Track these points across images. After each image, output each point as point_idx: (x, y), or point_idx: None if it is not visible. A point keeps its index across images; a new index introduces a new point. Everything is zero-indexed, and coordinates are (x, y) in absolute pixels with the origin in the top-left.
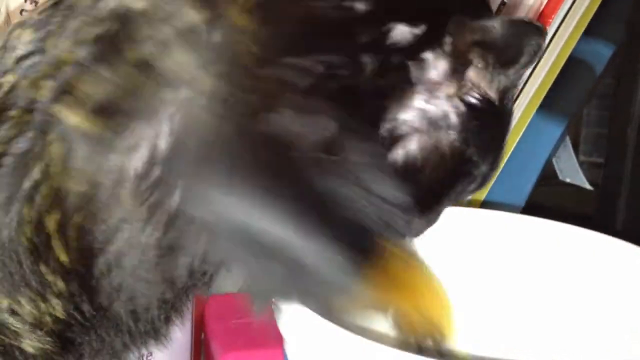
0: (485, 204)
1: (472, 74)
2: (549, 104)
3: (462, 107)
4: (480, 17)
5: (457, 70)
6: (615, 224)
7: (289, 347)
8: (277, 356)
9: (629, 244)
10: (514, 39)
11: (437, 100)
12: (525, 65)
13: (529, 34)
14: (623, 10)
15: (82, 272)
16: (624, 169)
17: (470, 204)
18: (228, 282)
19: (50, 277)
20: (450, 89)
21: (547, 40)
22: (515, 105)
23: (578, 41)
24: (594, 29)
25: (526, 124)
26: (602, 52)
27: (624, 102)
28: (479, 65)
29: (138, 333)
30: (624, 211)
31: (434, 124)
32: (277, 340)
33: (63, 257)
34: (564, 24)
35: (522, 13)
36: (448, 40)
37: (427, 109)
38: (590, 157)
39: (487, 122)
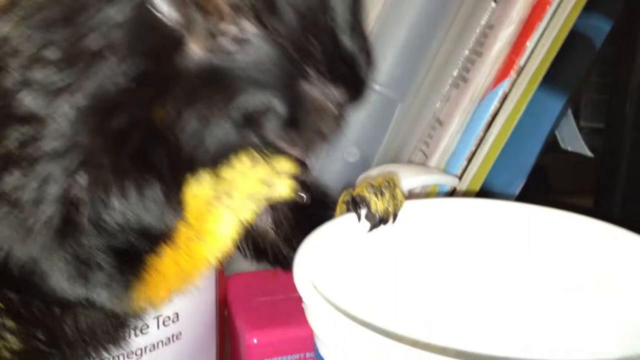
0: (488, 180)
1: None
2: (551, 79)
3: None
4: None
5: None
6: (616, 193)
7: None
8: (301, 333)
9: (625, 231)
10: None
11: None
12: None
13: None
14: None
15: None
16: (624, 140)
17: (472, 184)
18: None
19: None
20: None
21: (549, 17)
22: (518, 81)
23: (578, 16)
24: (593, 4)
25: (528, 99)
26: (601, 27)
27: (623, 76)
28: None
29: (93, 345)
30: (624, 179)
31: None
32: (300, 317)
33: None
34: (564, 0)
35: None
36: None
37: None
38: (591, 123)
39: None
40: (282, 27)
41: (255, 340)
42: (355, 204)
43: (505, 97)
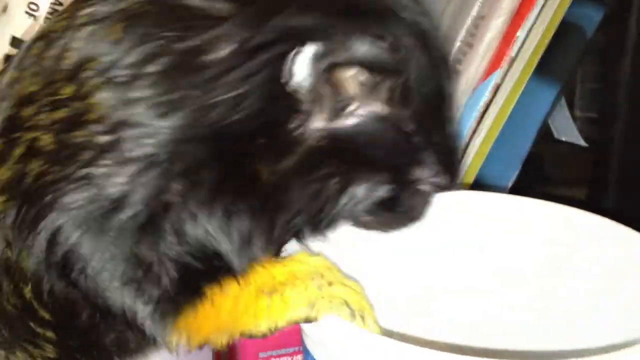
0: (481, 171)
1: None
2: (543, 69)
3: None
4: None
5: None
6: (609, 183)
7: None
8: (296, 327)
9: (619, 225)
10: None
11: None
12: None
13: None
14: None
15: (67, 324)
16: (616, 129)
17: (465, 175)
18: None
19: (39, 330)
20: None
21: (539, 6)
22: (511, 70)
23: (569, 5)
24: None
25: (520, 90)
26: (592, 15)
27: (614, 65)
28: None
29: (127, 354)
30: (616, 170)
31: None
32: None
33: (47, 317)
34: None
35: None
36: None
37: None
38: (586, 113)
39: None
40: (406, 113)
41: None
42: None
43: (497, 88)
